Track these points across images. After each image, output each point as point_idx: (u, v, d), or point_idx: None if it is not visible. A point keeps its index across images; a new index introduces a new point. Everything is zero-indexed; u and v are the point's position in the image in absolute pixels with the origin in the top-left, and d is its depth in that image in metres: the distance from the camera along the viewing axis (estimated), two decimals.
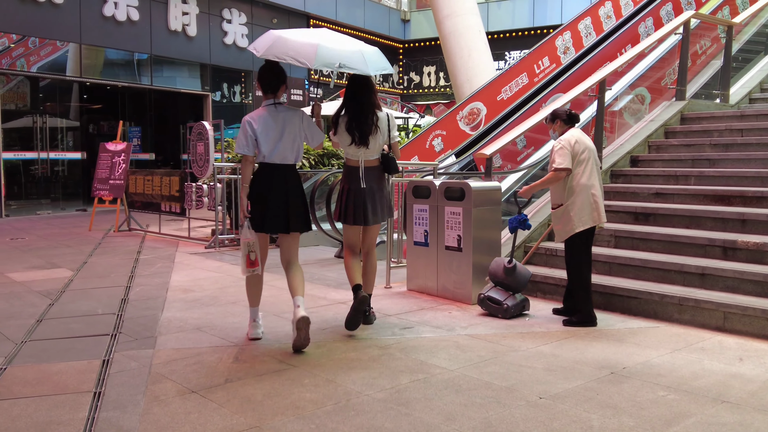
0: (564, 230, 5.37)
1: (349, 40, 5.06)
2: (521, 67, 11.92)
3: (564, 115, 5.52)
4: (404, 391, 3.82)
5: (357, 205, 5.12)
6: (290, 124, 4.79)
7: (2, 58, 14.83)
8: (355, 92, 5.13)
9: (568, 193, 5.33)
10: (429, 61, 25.54)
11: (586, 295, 5.34)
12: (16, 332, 5.11)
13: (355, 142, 5.08)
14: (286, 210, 4.75)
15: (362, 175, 5.13)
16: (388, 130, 5.17)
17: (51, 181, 17.41)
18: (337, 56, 4.72)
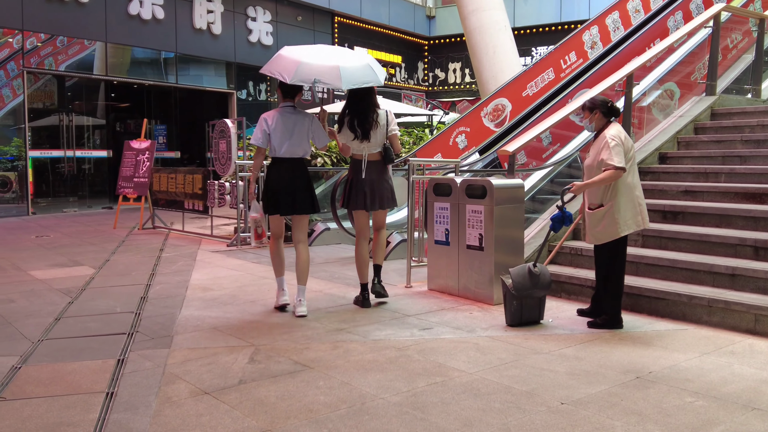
0: (605, 233, 5.06)
1: (337, 56, 5.74)
2: (547, 63, 11.72)
3: (605, 107, 5.14)
4: (421, 394, 3.72)
5: (358, 192, 5.83)
6: (300, 125, 5.63)
7: (31, 57, 15.00)
8: (355, 93, 5.80)
9: (611, 194, 5.03)
10: (454, 58, 25.35)
11: (616, 299, 5.15)
12: (33, 331, 5.10)
13: (358, 137, 5.76)
14: (294, 195, 5.59)
15: (364, 166, 5.80)
16: (387, 124, 5.79)
17: (78, 179, 17.58)
18: (314, 72, 5.48)
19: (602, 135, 5.09)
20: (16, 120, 15.25)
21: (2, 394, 3.78)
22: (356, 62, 5.71)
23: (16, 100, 15.05)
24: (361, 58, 5.89)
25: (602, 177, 4.95)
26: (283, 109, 5.66)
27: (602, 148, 4.98)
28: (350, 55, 5.88)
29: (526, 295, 5.17)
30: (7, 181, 14.93)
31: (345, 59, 5.69)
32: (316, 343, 4.73)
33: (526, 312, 5.19)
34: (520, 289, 5.12)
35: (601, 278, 5.24)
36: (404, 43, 24.76)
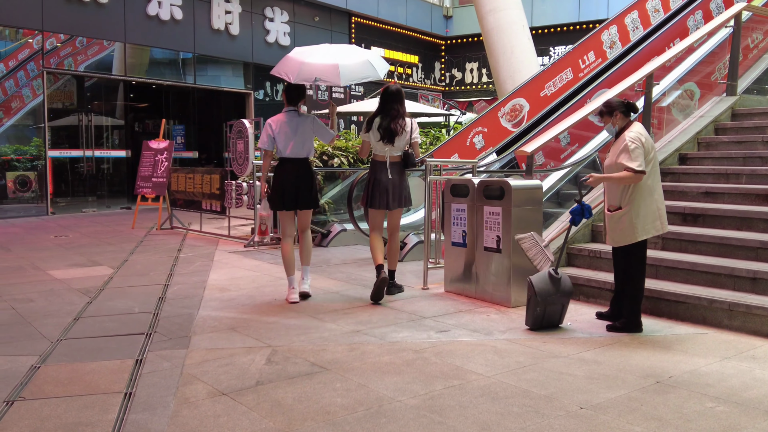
0: (623, 236, 5.01)
1: (339, 54, 6.27)
2: (566, 62, 11.65)
3: (623, 107, 5.06)
4: (438, 397, 3.70)
5: (381, 192, 6.20)
6: (302, 127, 6.13)
7: (50, 57, 15.14)
8: (387, 101, 6.22)
9: (630, 196, 4.96)
10: (471, 58, 25.28)
11: (636, 302, 5.09)
12: (52, 330, 5.14)
13: (384, 140, 6.17)
14: (297, 192, 6.11)
15: (388, 167, 6.20)
16: (411, 131, 6.23)
17: (97, 179, 17.72)
18: (315, 72, 6.12)
19: (622, 136, 5.01)
20: (35, 120, 15.40)
21: (21, 393, 3.81)
22: (356, 59, 6.30)
23: (36, 100, 15.20)
24: (362, 54, 6.48)
25: (620, 176, 4.89)
26: (286, 114, 6.20)
27: (621, 149, 4.92)
28: (351, 52, 6.45)
29: (550, 301, 5.08)
30: (27, 181, 15.08)
31: (345, 57, 6.26)
32: (332, 345, 4.73)
33: (548, 317, 5.15)
34: (543, 294, 5.05)
35: (620, 281, 5.18)
36: (421, 43, 24.72)
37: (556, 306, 5.15)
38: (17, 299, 6.26)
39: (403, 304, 6.01)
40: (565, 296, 5.17)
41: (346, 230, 9.81)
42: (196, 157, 19.86)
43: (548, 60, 21.45)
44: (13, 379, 4.03)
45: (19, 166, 15.00)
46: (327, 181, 10.69)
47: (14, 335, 5.04)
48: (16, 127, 15.36)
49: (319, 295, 6.38)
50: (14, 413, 3.52)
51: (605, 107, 5.14)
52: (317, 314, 5.63)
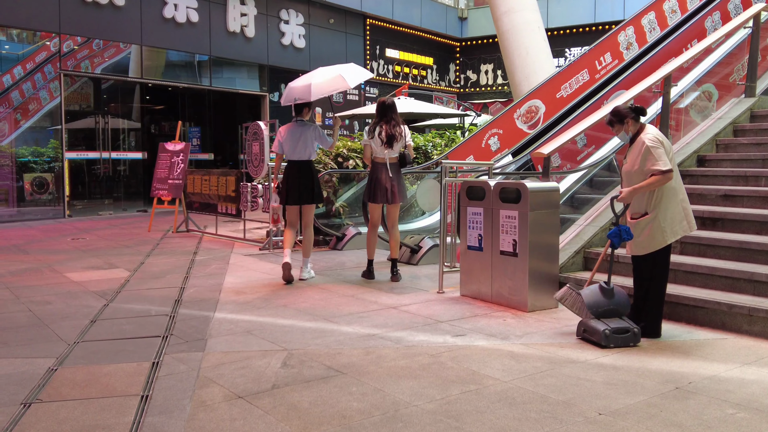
0: (651, 243, 4.90)
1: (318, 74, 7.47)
2: (582, 64, 11.58)
3: (632, 112, 4.99)
4: (455, 402, 3.69)
5: (381, 190, 7.15)
6: (304, 134, 7.28)
7: (67, 60, 15.25)
8: (385, 112, 7.20)
9: (655, 201, 4.88)
10: (486, 59, 25.20)
11: (658, 308, 5.03)
12: (69, 333, 5.17)
13: (385, 144, 7.11)
14: (299, 189, 7.22)
15: (388, 168, 7.15)
16: (405, 136, 7.18)
17: (113, 181, 17.84)
18: (294, 93, 7.27)
19: (639, 139, 4.95)
20: (53, 122, 15.52)
21: (39, 395, 3.83)
22: (327, 76, 7.41)
23: (53, 102, 15.32)
24: (336, 70, 7.55)
25: (650, 182, 4.81)
26: (293, 123, 7.39)
27: (642, 153, 4.86)
28: (329, 70, 7.59)
29: (601, 313, 4.87)
30: (44, 183, 15.19)
31: (319, 76, 7.41)
32: (348, 348, 4.72)
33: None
34: (594, 306, 4.88)
35: (641, 288, 5.12)
36: (436, 44, 24.68)
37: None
38: (35, 301, 6.30)
39: (419, 307, 6.00)
40: (624, 307, 4.95)
41: (361, 233, 9.80)
42: (211, 158, 19.94)
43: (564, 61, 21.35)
44: (31, 382, 4.06)
45: (36, 168, 15.11)
46: (342, 183, 10.69)
47: (32, 337, 5.08)
48: (33, 129, 15.49)
49: (334, 299, 6.38)
50: (31, 415, 3.54)
51: (614, 116, 5.06)
52: (332, 318, 5.62)
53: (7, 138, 14.88)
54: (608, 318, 4.87)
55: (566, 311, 5.82)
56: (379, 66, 22.36)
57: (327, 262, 8.38)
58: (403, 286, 6.99)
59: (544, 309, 5.88)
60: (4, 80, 14.79)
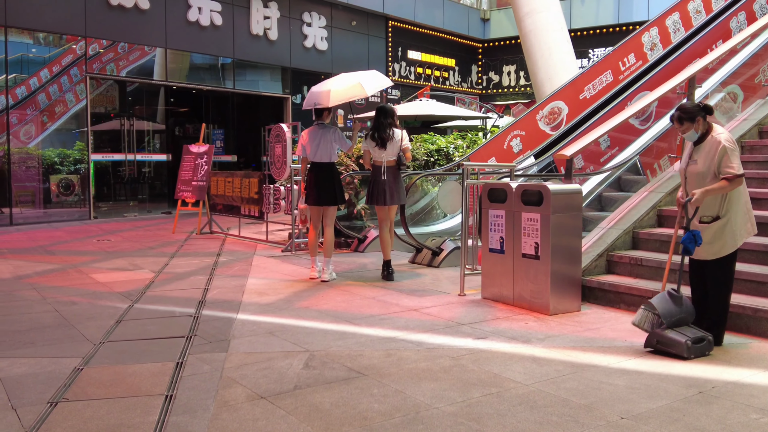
0: (724, 247, 4.73)
1: (338, 81, 7.82)
2: (605, 65, 11.52)
3: (703, 111, 4.76)
4: (476, 405, 3.69)
5: (379, 191, 7.48)
6: (325, 137, 7.52)
7: (93, 62, 15.44)
8: (378, 116, 7.55)
9: (727, 204, 4.72)
10: (509, 60, 25.11)
11: (725, 315, 4.87)
12: (95, 333, 5.25)
13: (378, 146, 7.44)
14: (320, 190, 7.48)
15: (384, 170, 7.45)
16: (401, 140, 7.46)
17: (138, 183, 18.03)
18: (314, 98, 7.61)
19: (712, 139, 4.75)
20: (78, 124, 15.73)
21: (65, 395, 3.90)
22: (347, 83, 7.73)
23: (79, 105, 15.52)
24: (356, 78, 7.86)
25: (723, 185, 4.64)
26: (314, 126, 7.65)
27: (718, 153, 4.66)
28: (349, 77, 7.89)
29: (674, 322, 4.67)
30: (70, 184, 15.39)
31: (339, 83, 7.74)
32: (369, 350, 4.75)
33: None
34: (668, 315, 4.67)
35: (700, 293, 4.95)
36: (458, 46, 24.65)
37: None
38: (61, 302, 6.41)
39: (440, 310, 6.00)
40: (690, 315, 4.77)
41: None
42: (234, 160, 20.08)
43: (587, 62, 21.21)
44: (57, 381, 4.13)
45: (62, 169, 15.31)
46: (363, 184, 10.72)
47: (58, 337, 5.17)
48: (59, 131, 15.70)
49: (355, 301, 6.41)
50: (58, 414, 3.61)
51: (685, 114, 4.80)
52: (354, 320, 5.65)
53: (34, 140, 15.11)
54: (679, 327, 4.69)
55: (588, 314, 5.80)
56: (401, 68, 22.38)
57: (348, 265, 8.41)
58: (425, 288, 7.00)
59: (567, 312, 5.85)
60: (31, 83, 15.02)
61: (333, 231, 7.70)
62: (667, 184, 7.20)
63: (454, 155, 12.42)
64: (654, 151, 9.34)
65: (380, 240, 7.77)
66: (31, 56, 15.23)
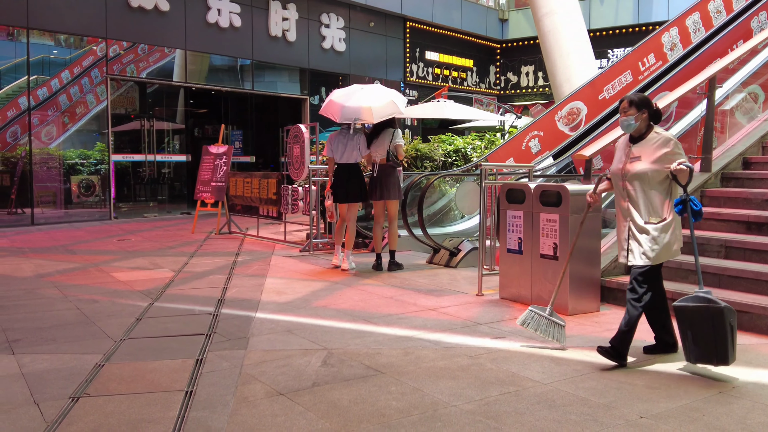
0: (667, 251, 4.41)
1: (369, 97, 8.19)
2: (625, 65, 11.48)
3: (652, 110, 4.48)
4: (494, 403, 3.70)
5: (373, 187, 8.10)
6: (350, 141, 8.17)
7: (114, 64, 15.60)
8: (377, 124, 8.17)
9: (671, 207, 4.46)
10: (527, 61, 25.03)
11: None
12: (116, 330, 5.31)
13: (369, 146, 8.13)
14: (346, 189, 8.16)
15: (376, 168, 8.07)
16: (392, 138, 8.06)
17: (158, 183, 18.16)
18: (354, 113, 8.07)
19: (657, 135, 4.44)
20: (99, 125, 15.89)
21: (86, 390, 3.95)
22: (383, 100, 8.14)
23: (100, 106, 15.67)
24: (387, 95, 8.30)
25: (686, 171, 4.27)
26: (340, 131, 8.34)
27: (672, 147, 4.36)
28: (378, 93, 8.34)
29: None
30: (91, 185, 15.54)
31: (375, 99, 8.11)
32: (387, 349, 4.77)
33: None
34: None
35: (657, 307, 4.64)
36: (476, 46, 24.62)
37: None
38: (82, 300, 6.49)
39: (458, 310, 6.01)
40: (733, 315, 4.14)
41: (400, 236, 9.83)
42: (253, 161, 20.18)
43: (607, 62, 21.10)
44: (79, 376, 4.19)
45: (83, 170, 15.47)
46: None
47: (79, 334, 5.23)
48: (80, 132, 15.87)
49: (373, 300, 6.44)
50: (79, 409, 3.66)
51: (639, 99, 4.48)
52: (372, 318, 5.67)
53: (55, 141, 15.28)
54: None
55: (608, 315, 5.79)
56: (418, 68, 22.39)
57: (366, 265, 8.44)
58: (442, 288, 7.00)
59: (586, 313, 5.84)
60: (52, 84, 15.19)
61: (354, 226, 8.40)
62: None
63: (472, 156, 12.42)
64: None
65: (373, 233, 8.49)
66: (53, 58, 15.40)
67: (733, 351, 4.04)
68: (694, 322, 4.10)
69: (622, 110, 4.53)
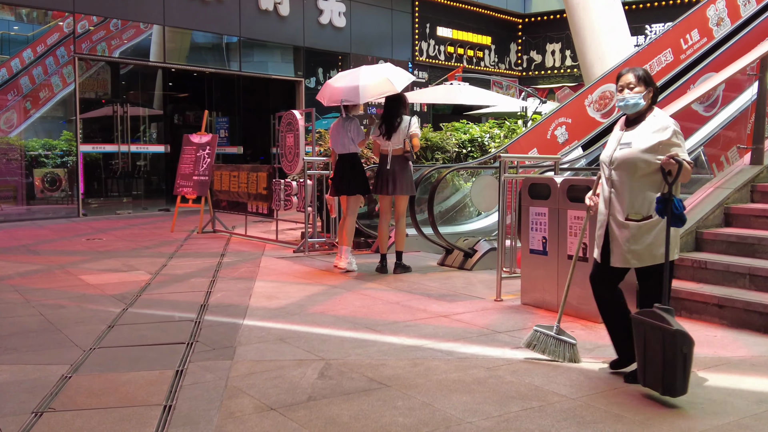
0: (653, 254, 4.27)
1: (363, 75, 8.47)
2: (665, 42, 11.45)
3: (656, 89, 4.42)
4: (514, 420, 3.71)
5: (384, 181, 8.12)
6: (345, 129, 8.43)
7: (82, 42, 15.60)
8: (387, 106, 8.25)
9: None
10: (553, 38, 25.00)
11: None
12: (84, 338, 5.33)
13: (383, 136, 8.15)
14: (343, 181, 8.42)
15: (389, 160, 8.09)
16: (408, 127, 8.10)
17: (133, 177, 18.21)
18: (341, 94, 8.42)
19: (654, 119, 4.34)
20: (66, 111, 15.94)
21: (51, 404, 3.96)
22: (376, 78, 8.37)
23: (66, 90, 15.69)
24: (382, 72, 8.51)
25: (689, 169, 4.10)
26: (338, 119, 8.62)
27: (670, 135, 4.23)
28: (374, 72, 8.58)
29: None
30: (56, 179, 15.57)
31: (367, 78, 8.37)
32: (393, 360, 4.78)
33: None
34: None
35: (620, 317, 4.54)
36: (494, 21, 24.59)
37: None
38: (46, 305, 6.51)
39: (474, 316, 6.02)
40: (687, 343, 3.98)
41: (408, 236, 9.84)
42: (240, 152, 20.20)
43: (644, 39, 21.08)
44: (42, 390, 4.20)
45: (48, 162, 15.50)
46: None
47: (43, 343, 5.25)
48: (44, 119, 15.92)
49: (377, 306, 6.46)
50: (43, 425, 3.68)
51: (645, 74, 4.38)
52: (375, 326, 5.69)
53: (16, 129, 15.33)
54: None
55: None
56: (429, 47, 22.38)
57: (369, 267, 8.46)
58: (456, 293, 7.02)
59: None
60: (13, 65, 15.24)
61: (354, 221, 8.59)
62: (736, 179, 7.15)
63: (490, 146, 12.42)
64: (720, 141, 9.27)
65: (378, 231, 8.54)
66: (13, 35, 15.46)
67: (683, 382, 3.89)
68: (648, 339, 4.05)
69: (627, 86, 4.37)
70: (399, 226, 8.33)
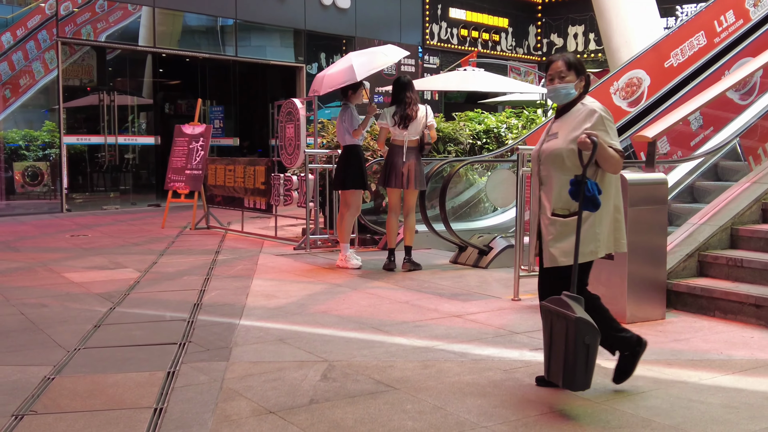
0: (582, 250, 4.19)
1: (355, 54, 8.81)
2: (697, 24, 11.43)
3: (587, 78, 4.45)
4: (533, 425, 3.71)
5: (397, 174, 8.09)
6: (341, 119, 8.54)
7: (65, 25, 15.60)
8: (400, 90, 8.17)
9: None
10: (576, 20, 24.96)
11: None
12: (69, 338, 5.36)
13: (399, 125, 8.07)
14: (337, 174, 8.60)
15: (405, 151, 8.10)
16: (425, 116, 8.15)
17: (120, 171, 18.21)
18: (338, 78, 8.41)
19: (582, 107, 4.34)
20: (48, 100, 15.97)
21: (33, 407, 3.98)
22: (368, 55, 8.67)
23: (49, 76, 15.71)
24: (373, 49, 9.11)
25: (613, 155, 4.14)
26: (342, 107, 8.72)
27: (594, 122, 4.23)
28: (365, 51, 8.98)
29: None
30: (38, 173, 15.61)
31: (359, 57, 8.57)
32: (401, 361, 4.79)
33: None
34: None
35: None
36: (512, 2, 24.54)
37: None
38: (27, 304, 6.54)
39: (489, 316, 6.03)
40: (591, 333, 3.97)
41: (418, 232, 9.84)
42: (237, 145, 20.21)
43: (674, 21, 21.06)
44: (23, 392, 4.22)
45: (29, 155, 15.53)
46: None
47: (24, 343, 5.28)
48: (25, 108, 15.95)
49: (384, 305, 6.47)
50: (24, 428, 3.70)
51: (577, 62, 4.42)
52: (383, 326, 5.70)
53: None
54: None
55: (675, 323, 5.79)
56: (440, 30, 22.35)
57: (376, 264, 8.48)
58: (470, 291, 7.03)
59: (648, 320, 5.84)
60: None
61: (352, 217, 8.68)
62: None
63: (507, 138, 12.40)
64: (758, 132, 9.26)
65: (387, 225, 8.57)
66: None
67: (584, 375, 3.88)
68: (554, 328, 4.03)
69: (557, 74, 4.37)
70: (408, 221, 8.38)
